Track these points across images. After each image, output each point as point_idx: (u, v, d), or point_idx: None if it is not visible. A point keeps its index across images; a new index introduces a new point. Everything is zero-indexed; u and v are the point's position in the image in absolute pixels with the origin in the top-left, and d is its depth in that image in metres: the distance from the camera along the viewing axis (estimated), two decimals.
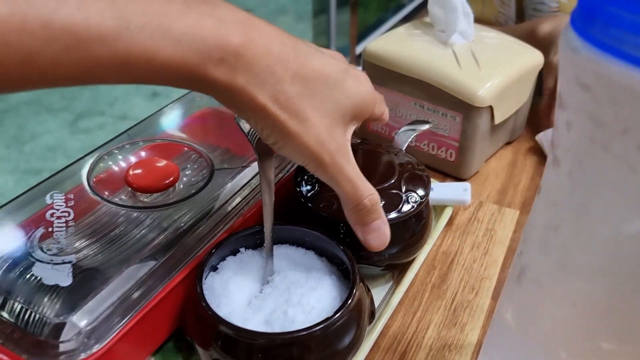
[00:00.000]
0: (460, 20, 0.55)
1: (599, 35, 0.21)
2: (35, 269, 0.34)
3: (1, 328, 0.33)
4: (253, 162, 0.44)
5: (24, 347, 0.32)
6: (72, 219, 0.38)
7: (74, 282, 0.34)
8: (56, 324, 0.32)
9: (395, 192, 0.41)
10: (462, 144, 0.54)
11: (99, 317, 0.33)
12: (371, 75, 0.57)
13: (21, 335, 0.32)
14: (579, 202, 0.23)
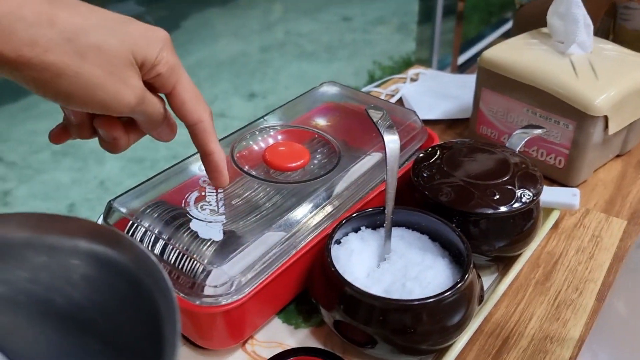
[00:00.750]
0: (580, 32, 0.56)
1: None
2: (193, 224, 0.40)
3: None
4: (375, 151, 0.48)
5: (179, 287, 0.38)
6: None
7: (224, 238, 0.39)
8: (208, 270, 0.37)
9: (509, 188, 0.44)
10: (572, 152, 0.56)
11: (243, 271, 0.38)
12: (486, 81, 0.60)
13: (178, 276, 0.38)
14: None
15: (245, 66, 3.42)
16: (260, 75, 3.34)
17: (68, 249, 0.28)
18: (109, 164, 2.59)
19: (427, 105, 0.69)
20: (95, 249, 0.27)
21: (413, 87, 0.73)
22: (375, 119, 0.44)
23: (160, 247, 0.39)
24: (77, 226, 0.27)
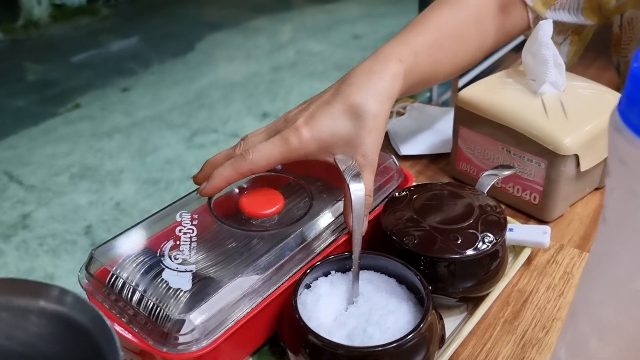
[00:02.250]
0: (550, 72, 0.58)
1: (635, 120, 0.25)
2: (165, 274, 0.42)
3: (138, 319, 0.41)
4: None
5: (153, 336, 0.40)
6: (195, 235, 0.47)
7: (194, 286, 0.41)
8: (177, 320, 0.40)
9: (472, 232, 0.46)
10: (546, 188, 0.57)
11: (211, 318, 0.40)
12: (463, 120, 0.62)
13: (152, 326, 0.41)
14: (615, 258, 0.27)
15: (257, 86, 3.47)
16: (272, 95, 3.39)
17: (35, 310, 0.30)
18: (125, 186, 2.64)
19: (411, 140, 0.71)
20: (58, 310, 0.30)
21: (399, 122, 0.75)
22: (342, 167, 0.46)
23: (137, 298, 0.42)
24: (42, 289, 0.30)
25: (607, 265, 0.29)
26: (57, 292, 0.30)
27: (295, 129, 0.47)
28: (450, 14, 0.61)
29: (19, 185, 2.69)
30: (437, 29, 0.59)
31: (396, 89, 0.51)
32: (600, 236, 0.30)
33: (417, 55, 0.55)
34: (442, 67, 0.60)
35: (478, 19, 0.63)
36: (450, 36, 0.60)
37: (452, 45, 0.60)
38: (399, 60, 0.52)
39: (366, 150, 0.47)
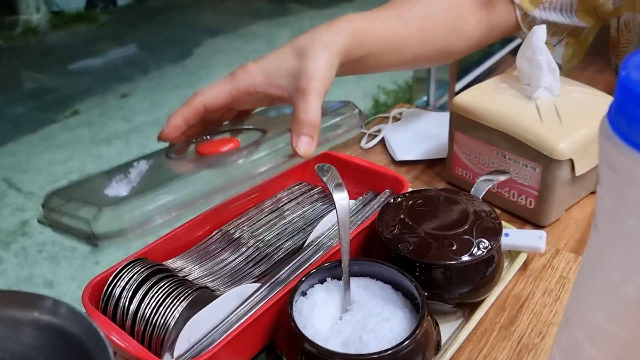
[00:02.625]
0: (544, 77, 0.58)
1: (624, 128, 0.25)
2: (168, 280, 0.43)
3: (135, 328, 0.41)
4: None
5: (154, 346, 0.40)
6: None
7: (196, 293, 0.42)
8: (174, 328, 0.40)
9: (467, 238, 0.46)
10: (541, 193, 0.57)
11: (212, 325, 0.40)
12: (458, 125, 0.63)
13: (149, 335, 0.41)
14: (606, 264, 0.27)
15: None
16: None
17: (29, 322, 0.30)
18: None
19: (407, 146, 0.72)
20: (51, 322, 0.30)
21: (395, 127, 0.76)
22: (323, 177, 0.46)
23: (136, 302, 0.42)
24: (35, 301, 0.30)
25: (598, 271, 0.29)
26: (50, 303, 0.30)
27: (243, 65, 0.50)
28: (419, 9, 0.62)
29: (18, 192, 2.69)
30: (401, 6, 0.60)
31: (343, 42, 0.52)
32: (592, 242, 0.30)
33: (371, 22, 0.56)
34: (405, 44, 0.60)
35: (450, 6, 0.64)
36: (415, 17, 0.60)
37: (417, 25, 0.60)
38: (347, 21, 0.53)
39: (309, 75, 0.47)
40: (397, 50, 0.60)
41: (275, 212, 0.54)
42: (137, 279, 0.43)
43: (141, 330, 0.41)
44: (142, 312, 0.42)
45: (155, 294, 0.42)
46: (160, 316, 0.41)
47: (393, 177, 0.56)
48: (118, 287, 0.43)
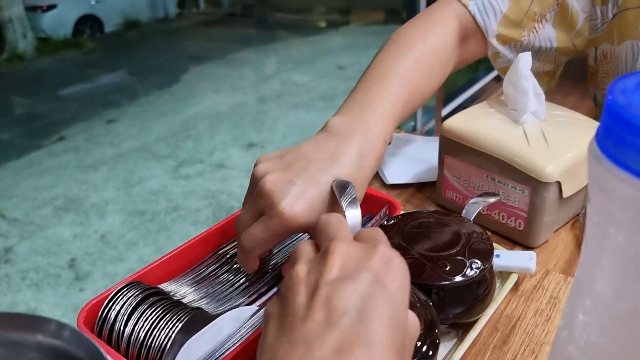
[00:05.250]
0: (530, 102, 0.60)
1: (612, 150, 0.26)
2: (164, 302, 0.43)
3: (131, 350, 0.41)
4: None
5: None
6: None
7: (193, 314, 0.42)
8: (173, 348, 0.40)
9: (460, 259, 0.47)
10: (530, 215, 0.58)
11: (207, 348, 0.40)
12: (447, 149, 0.64)
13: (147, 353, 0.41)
14: (597, 281, 0.28)
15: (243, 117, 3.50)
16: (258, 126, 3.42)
17: (31, 344, 0.30)
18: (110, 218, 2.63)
19: (398, 170, 0.73)
20: (54, 344, 0.30)
21: (386, 151, 0.77)
22: (339, 194, 0.47)
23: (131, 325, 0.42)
24: (38, 323, 0.30)
25: (590, 289, 0.30)
26: (54, 326, 0.30)
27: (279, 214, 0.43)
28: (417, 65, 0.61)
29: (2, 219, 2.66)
30: (410, 86, 0.59)
31: (377, 165, 0.52)
32: (583, 260, 0.31)
33: (396, 121, 0.56)
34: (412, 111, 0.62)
35: (442, 62, 0.65)
36: (419, 90, 0.61)
37: (420, 96, 0.62)
38: (384, 140, 0.52)
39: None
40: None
41: None
42: (132, 303, 0.43)
43: (136, 353, 0.41)
44: (137, 335, 0.42)
45: (150, 316, 0.42)
46: (156, 338, 0.41)
47: (386, 200, 0.57)
48: (113, 310, 0.44)
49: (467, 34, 0.70)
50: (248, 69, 4.22)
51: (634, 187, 0.24)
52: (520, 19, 0.69)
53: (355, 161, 0.49)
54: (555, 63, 0.77)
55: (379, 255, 0.32)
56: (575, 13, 0.69)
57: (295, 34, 4.69)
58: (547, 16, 0.70)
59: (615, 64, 0.71)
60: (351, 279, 0.30)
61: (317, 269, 0.31)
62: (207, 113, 3.64)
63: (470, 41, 0.70)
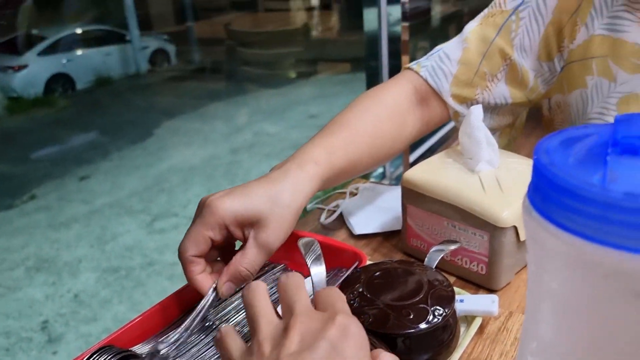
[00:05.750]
0: (484, 151, 0.64)
1: (540, 205, 0.29)
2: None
3: None
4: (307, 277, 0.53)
5: None
6: None
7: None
8: None
9: (423, 307, 0.49)
10: (491, 259, 0.61)
11: None
12: (409, 199, 0.67)
13: None
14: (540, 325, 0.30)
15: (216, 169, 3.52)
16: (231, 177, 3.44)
17: None
18: (84, 277, 2.58)
19: (365, 220, 0.75)
20: None
21: (352, 202, 0.79)
22: (303, 251, 0.49)
23: None
24: None
25: (535, 332, 0.32)
26: None
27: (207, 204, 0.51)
28: (366, 113, 0.68)
29: None
30: (353, 129, 0.66)
31: (312, 188, 0.57)
32: (527, 304, 0.33)
33: (332, 154, 0.61)
34: (359, 162, 0.66)
35: (394, 115, 0.71)
36: (365, 134, 0.67)
37: (368, 141, 0.67)
38: (314, 163, 0.58)
39: (270, 233, 0.51)
40: (354, 172, 0.66)
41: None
42: None
43: None
44: None
45: None
46: None
47: (352, 251, 0.59)
48: None
49: (425, 96, 0.75)
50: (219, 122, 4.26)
51: (561, 239, 0.27)
52: (471, 79, 0.74)
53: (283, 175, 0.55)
54: (513, 115, 0.81)
55: (336, 325, 0.35)
56: (525, 71, 0.74)
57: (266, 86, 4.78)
58: (498, 75, 0.75)
59: (568, 112, 0.76)
60: (309, 349, 0.33)
61: (279, 343, 0.34)
62: (180, 167, 3.65)
63: (429, 102, 0.75)
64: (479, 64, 0.74)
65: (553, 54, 0.73)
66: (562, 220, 0.27)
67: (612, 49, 0.69)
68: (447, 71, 0.74)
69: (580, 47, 0.71)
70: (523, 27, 0.73)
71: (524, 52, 0.73)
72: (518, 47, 0.73)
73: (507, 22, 0.73)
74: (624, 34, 0.69)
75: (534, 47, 0.73)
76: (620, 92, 0.69)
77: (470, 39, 0.75)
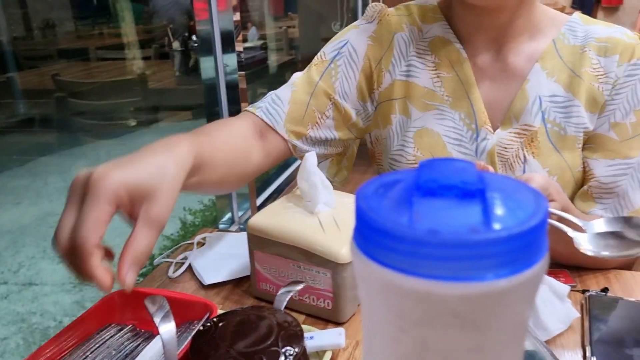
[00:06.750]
0: (321, 194, 0.68)
1: (363, 244, 0.33)
2: None
3: None
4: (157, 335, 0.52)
5: None
6: None
7: None
8: None
9: (274, 349, 0.50)
10: (335, 294, 0.65)
11: None
12: (255, 244, 0.69)
13: None
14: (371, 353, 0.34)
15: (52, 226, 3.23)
16: None
17: None
18: None
19: (214, 269, 0.76)
20: None
21: (200, 252, 0.79)
22: (151, 310, 0.48)
23: None
24: None
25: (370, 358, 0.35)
26: None
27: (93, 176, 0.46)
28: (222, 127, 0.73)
29: None
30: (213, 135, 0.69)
31: (189, 162, 0.54)
32: (364, 334, 0.37)
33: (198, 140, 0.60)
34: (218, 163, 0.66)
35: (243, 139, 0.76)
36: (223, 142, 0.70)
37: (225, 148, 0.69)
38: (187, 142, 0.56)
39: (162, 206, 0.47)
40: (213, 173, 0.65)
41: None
42: None
43: None
44: None
45: None
46: None
47: (202, 303, 0.59)
48: None
49: (263, 131, 0.80)
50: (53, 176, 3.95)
51: (381, 273, 0.31)
52: (302, 117, 0.82)
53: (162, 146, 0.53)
54: (343, 147, 0.90)
55: None
56: (348, 110, 0.84)
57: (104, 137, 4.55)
58: (326, 113, 0.83)
59: (384, 145, 0.87)
60: None
61: None
62: (7, 228, 3.31)
63: (268, 136, 0.80)
64: (307, 103, 0.81)
65: (366, 96, 0.84)
66: (380, 257, 0.31)
67: (408, 91, 0.83)
68: (280, 111, 0.81)
69: (387, 90, 0.84)
70: (341, 74, 0.83)
71: (345, 95, 0.83)
72: (339, 90, 0.82)
73: (327, 69, 0.83)
74: (416, 78, 0.83)
75: (352, 90, 0.83)
76: (415, 126, 0.82)
77: (297, 83, 0.84)
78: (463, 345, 0.31)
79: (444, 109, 0.82)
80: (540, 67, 0.79)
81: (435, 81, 0.82)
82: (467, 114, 0.81)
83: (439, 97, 0.82)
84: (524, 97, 0.79)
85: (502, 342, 0.32)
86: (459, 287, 0.29)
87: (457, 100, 0.81)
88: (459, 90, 0.81)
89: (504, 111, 0.80)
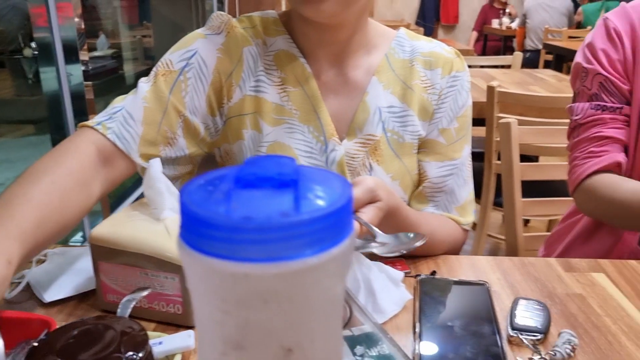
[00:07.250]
0: (167, 200, 0.68)
1: (187, 237, 0.34)
2: None
3: None
4: None
5: None
6: None
7: None
8: None
9: (117, 356, 0.50)
10: (184, 298, 0.65)
11: None
12: (99, 256, 0.67)
13: None
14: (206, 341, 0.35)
15: None
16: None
17: None
18: None
19: (55, 285, 0.72)
20: None
21: (40, 269, 0.75)
22: None
23: None
24: None
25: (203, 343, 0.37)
26: None
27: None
28: (52, 186, 0.67)
29: None
30: (41, 206, 0.64)
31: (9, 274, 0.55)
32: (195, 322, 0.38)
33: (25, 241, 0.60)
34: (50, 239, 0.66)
35: (81, 184, 0.71)
36: (54, 211, 0.66)
37: (57, 218, 0.67)
38: (8, 262, 0.56)
39: None
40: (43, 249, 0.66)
41: None
42: None
43: None
44: None
45: None
46: None
47: (38, 320, 0.56)
48: None
49: (110, 156, 0.77)
50: None
51: (203, 261, 0.33)
52: (155, 138, 0.80)
53: None
54: (192, 164, 0.89)
55: None
56: (196, 125, 0.84)
57: None
58: (177, 131, 0.83)
59: (235, 159, 0.88)
60: None
61: None
62: None
63: (115, 162, 0.77)
64: (159, 124, 0.80)
65: (215, 111, 0.85)
66: (201, 246, 0.33)
67: (258, 107, 0.85)
68: (134, 133, 0.78)
69: (237, 105, 0.85)
70: (191, 87, 0.82)
71: (195, 109, 0.83)
72: (189, 104, 0.82)
73: (177, 81, 0.82)
74: (264, 94, 0.85)
75: (202, 104, 0.83)
76: (267, 141, 0.85)
77: (148, 98, 0.80)
78: (282, 321, 0.34)
79: (293, 123, 0.85)
80: (377, 80, 0.87)
81: (282, 96, 0.85)
82: (315, 127, 0.85)
83: (287, 111, 0.85)
84: (365, 109, 0.86)
85: (318, 316, 0.35)
86: (273, 267, 0.32)
87: (306, 114, 0.85)
88: (307, 105, 0.85)
89: (349, 123, 0.86)
